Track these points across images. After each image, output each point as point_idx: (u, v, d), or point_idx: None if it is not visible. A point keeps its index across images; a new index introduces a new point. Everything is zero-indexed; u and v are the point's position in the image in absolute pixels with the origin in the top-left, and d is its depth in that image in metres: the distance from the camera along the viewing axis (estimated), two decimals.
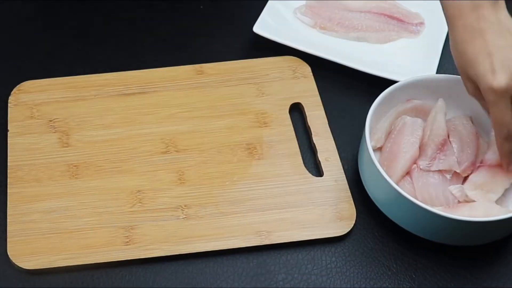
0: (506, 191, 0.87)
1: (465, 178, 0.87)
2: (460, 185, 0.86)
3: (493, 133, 0.88)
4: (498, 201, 0.86)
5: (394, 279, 0.83)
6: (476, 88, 0.80)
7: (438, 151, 0.87)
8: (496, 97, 0.77)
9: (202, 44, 1.05)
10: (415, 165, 0.87)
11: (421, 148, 0.88)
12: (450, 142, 0.88)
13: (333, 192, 0.88)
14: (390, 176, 0.82)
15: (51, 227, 0.85)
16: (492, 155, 0.86)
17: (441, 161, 0.86)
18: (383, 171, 0.82)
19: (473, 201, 0.84)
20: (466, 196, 0.84)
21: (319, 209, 0.87)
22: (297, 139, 0.94)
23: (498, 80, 0.76)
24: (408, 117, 0.90)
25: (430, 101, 0.92)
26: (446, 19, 0.82)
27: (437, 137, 0.88)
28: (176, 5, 1.10)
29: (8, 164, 0.90)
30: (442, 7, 0.82)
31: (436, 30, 1.05)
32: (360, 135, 0.94)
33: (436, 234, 0.83)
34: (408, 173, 0.87)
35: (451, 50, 0.82)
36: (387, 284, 0.83)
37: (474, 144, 0.88)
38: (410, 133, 0.88)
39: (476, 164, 0.86)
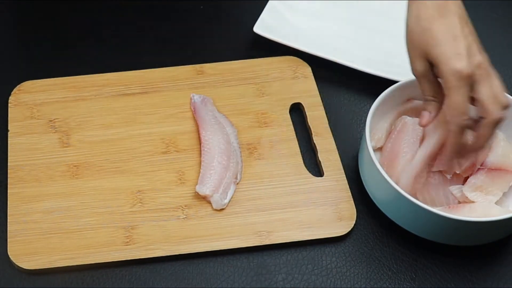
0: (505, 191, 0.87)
1: (466, 178, 0.87)
2: (460, 185, 0.86)
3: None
4: (498, 202, 0.86)
5: (395, 279, 0.83)
6: (428, 69, 0.79)
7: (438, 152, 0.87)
8: (459, 82, 0.75)
9: (202, 44, 1.05)
10: None
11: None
12: None
13: (333, 192, 0.88)
14: (390, 176, 0.82)
15: (51, 227, 0.85)
16: (493, 158, 0.86)
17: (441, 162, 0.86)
18: (384, 171, 0.82)
19: (473, 201, 0.84)
20: (466, 197, 0.84)
21: (320, 209, 0.87)
22: (298, 139, 0.94)
23: (464, 64, 0.74)
24: (408, 117, 0.90)
25: None
26: None
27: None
28: (176, 5, 1.10)
29: (9, 164, 0.90)
30: None
31: None
32: (360, 135, 0.94)
33: (436, 234, 0.83)
34: None
35: (407, 25, 0.80)
36: (387, 284, 0.83)
37: None
38: (411, 133, 0.88)
39: (476, 165, 0.86)
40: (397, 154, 0.87)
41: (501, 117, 0.77)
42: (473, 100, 0.77)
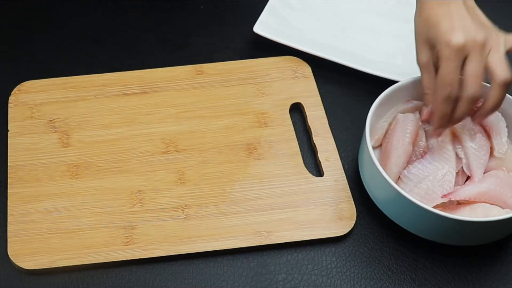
0: None
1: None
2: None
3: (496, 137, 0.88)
4: None
5: (394, 279, 0.83)
6: (430, 59, 0.82)
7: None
8: (451, 52, 0.79)
9: (202, 44, 1.05)
10: None
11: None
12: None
13: (333, 192, 0.88)
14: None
15: (51, 227, 0.85)
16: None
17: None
18: (383, 171, 0.82)
19: (473, 202, 0.84)
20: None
21: (320, 209, 0.87)
22: (297, 139, 0.94)
23: (457, 37, 0.78)
24: (400, 114, 0.89)
25: None
26: None
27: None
28: (176, 5, 1.10)
29: (8, 164, 0.90)
30: None
31: None
32: (360, 135, 0.94)
33: (436, 234, 0.83)
34: None
35: (414, 18, 0.84)
36: (387, 284, 0.83)
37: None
38: (401, 129, 0.88)
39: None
40: (390, 152, 0.87)
41: (508, 78, 0.79)
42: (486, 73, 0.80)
